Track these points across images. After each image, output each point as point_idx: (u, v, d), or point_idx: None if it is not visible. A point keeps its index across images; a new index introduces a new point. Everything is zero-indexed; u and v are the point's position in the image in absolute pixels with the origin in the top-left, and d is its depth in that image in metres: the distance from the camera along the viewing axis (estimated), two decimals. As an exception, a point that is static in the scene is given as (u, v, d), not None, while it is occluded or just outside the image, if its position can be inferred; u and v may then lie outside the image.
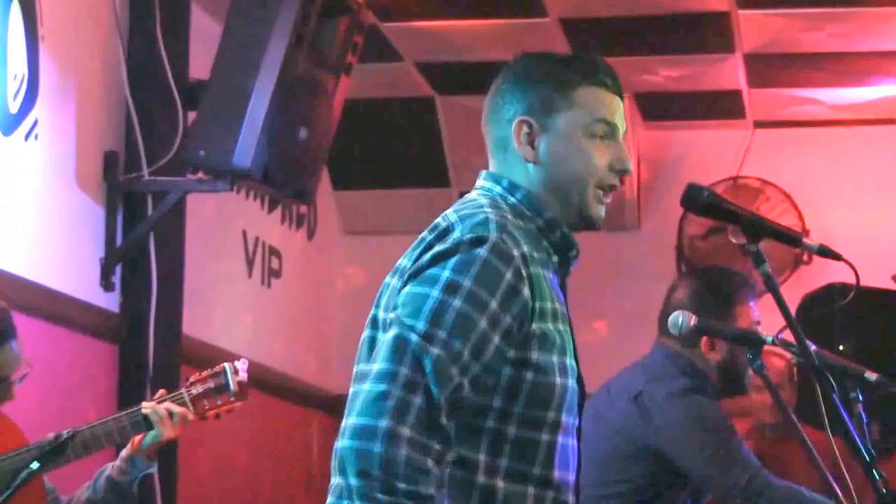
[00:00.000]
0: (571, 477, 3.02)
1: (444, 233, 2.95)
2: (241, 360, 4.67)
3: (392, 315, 2.90)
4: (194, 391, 4.58)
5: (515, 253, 2.92)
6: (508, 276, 2.90)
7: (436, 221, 3.01)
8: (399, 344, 2.83)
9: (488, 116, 3.17)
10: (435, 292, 2.87)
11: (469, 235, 2.91)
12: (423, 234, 3.00)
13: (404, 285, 2.93)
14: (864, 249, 4.77)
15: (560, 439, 2.98)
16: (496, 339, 2.88)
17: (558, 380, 2.95)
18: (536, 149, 3.09)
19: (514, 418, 2.92)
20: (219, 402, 4.60)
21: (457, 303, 2.86)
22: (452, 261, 2.88)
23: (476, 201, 3.04)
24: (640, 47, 8.31)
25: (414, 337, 2.83)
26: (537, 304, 2.94)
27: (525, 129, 3.09)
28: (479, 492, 2.90)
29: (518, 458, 2.93)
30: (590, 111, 3.10)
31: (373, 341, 2.98)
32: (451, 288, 2.86)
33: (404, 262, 2.99)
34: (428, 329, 2.83)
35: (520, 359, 2.92)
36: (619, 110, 3.15)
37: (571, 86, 3.11)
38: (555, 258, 3.09)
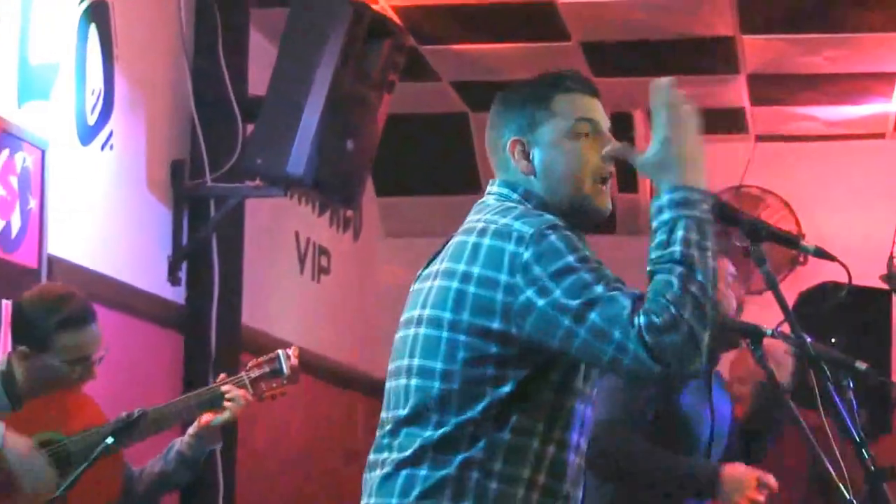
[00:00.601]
0: (583, 442, 3.04)
1: (515, 236, 2.91)
2: (293, 347, 4.68)
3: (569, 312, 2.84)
4: (252, 375, 4.60)
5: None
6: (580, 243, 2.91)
7: (473, 226, 3.01)
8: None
9: (489, 149, 3.18)
10: (576, 274, 2.85)
11: (542, 225, 2.90)
12: (471, 238, 2.98)
13: (524, 297, 2.88)
14: (854, 252, 4.75)
15: (579, 406, 3.00)
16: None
17: None
18: (532, 162, 3.08)
19: (557, 386, 2.95)
20: (273, 385, 4.62)
21: (592, 264, 2.87)
22: (557, 245, 2.88)
23: (505, 204, 3.04)
24: (654, 68, 8.27)
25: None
26: None
27: (518, 147, 3.09)
28: (534, 455, 2.92)
29: (563, 427, 2.96)
30: (568, 115, 3.10)
31: (415, 339, 2.99)
32: (581, 261, 2.85)
33: (463, 267, 2.95)
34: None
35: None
36: (597, 107, 3.15)
37: (547, 99, 3.11)
38: None
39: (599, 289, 2.82)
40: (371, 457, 3.05)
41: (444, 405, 2.94)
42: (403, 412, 2.99)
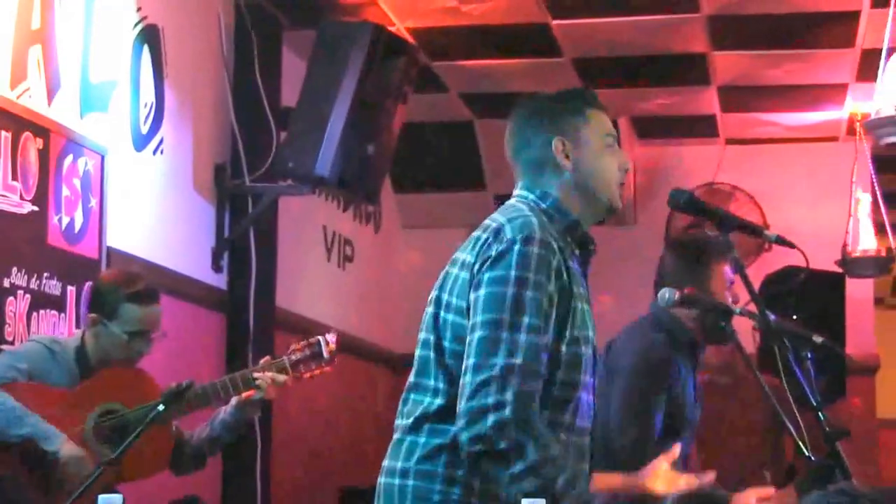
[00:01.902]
0: (588, 424, 3.04)
1: (497, 232, 2.94)
2: (332, 333, 4.65)
3: (479, 319, 2.86)
4: (294, 357, 4.56)
5: (555, 245, 2.93)
6: (554, 262, 2.91)
7: (486, 223, 3.02)
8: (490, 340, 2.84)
9: (517, 147, 3.18)
10: (511, 289, 2.86)
11: (520, 234, 2.91)
12: (477, 233, 3.01)
13: (475, 282, 2.91)
14: (812, 240, 4.72)
15: (582, 395, 2.99)
16: (553, 313, 2.89)
17: (583, 349, 2.97)
18: (571, 160, 3.10)
19: (556, 383, 2.93)
20: (312, 367, 4.58)
21: (528, 293, 2.86)
22: (513, 258, 2.88)
23: (517, 206, 3.06)
24: (636, 81, 8.28)
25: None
26: (574, 288, 2.96)
27: (561, 146, 3.11)
28: None
29: (557, 412, 2.94)
30: (600, 128, 3.16)
31: (436, 318, 2.98)
32: (520, 282, 2.86)
33: (464, 256, 2.98)
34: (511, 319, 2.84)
35: (561, 336, 2.93)
36: (611, 123, 3.21)
37: (581, 111, 3.15)
38: (577, 251, 3.09)
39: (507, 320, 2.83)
40: (395, 422, 3.06)
41: (439, 377, 2.93)
42: (412, 379, 3.02)
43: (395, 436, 3.01)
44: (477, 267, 2.92)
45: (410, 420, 2.96)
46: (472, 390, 2.80)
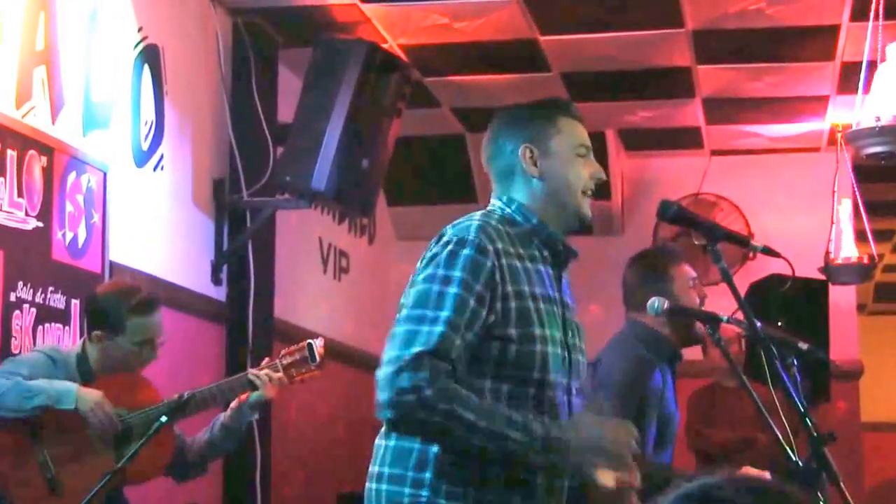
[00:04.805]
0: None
1: (440, 237, 2.98)
2: (320, 338, 4.69)
3: (403, 314, 2.91)
4: (285, 361, 4.60)
5: (491, 248, 2.92)
6: (488, 264, 2.91)
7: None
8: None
9: (491, 155, 3.18)
10: (436, 286, 2.88)
11: (455, 237, 2.93)
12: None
13: (410, 281, 2.97)
14: (795, 248, 4.74)
15: (548, 393, 2.97)
16: (483, 313, 2.89)
17: (538, 347, 2.94)
18: (539, 167, 3.10)
19: (506, 379, 2.92)
20: (303, 370, 4.61)
21: (451, 290, 2.87)
22: (443, 258, 2.90)
23: (472, 214, 3.06)
24: (623, 94, 8.30)
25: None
26: (510, 288, 2.93)
27: (528, 153, 3.11)
28: None
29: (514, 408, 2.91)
30: (572, 137, 3.15)
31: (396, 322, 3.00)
32: (445, 280, 2.88)
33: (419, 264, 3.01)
34: (432, 314, 2.85)
35: (502, 335, 2.92)
36: (586, 134, 3.20)
37: (553, 118, 3.15)
38: (545, 253, 3.08)
39: (428, 314, 2.85)
40: None
41: None
42: None
43: (376, 441, 3.03)
44: (418, 268, 2.96)
45: (383, 426, 2.98)
46: (389, 379, 2.80)
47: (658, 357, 4.27)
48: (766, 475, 3.65)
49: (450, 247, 2.91)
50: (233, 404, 4.58)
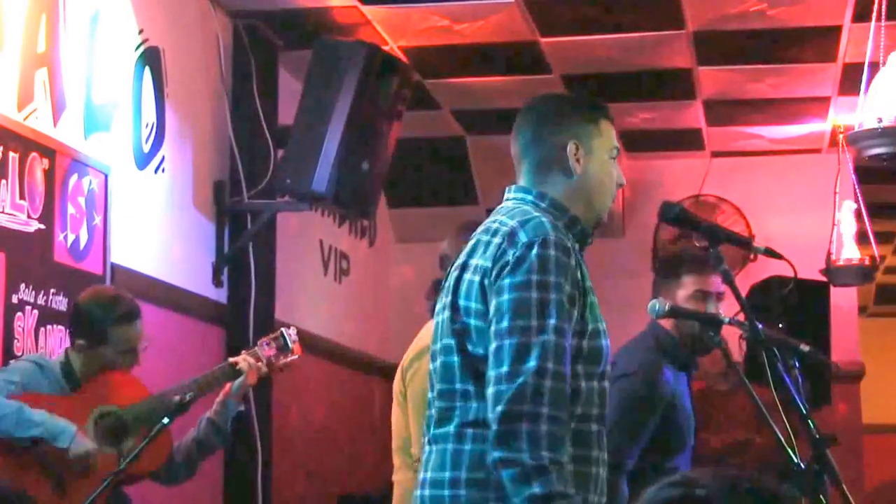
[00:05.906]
0: (595, 411, 3.00)
1: (511, 236, 2.92)
2: (292, 326, 4.77)
3: (505, 325, 2.84)
4: (263, 349, 4.68)
5: (569, 244, 2.94)
6: (572, 262, 2.91)
7: (494, 227, 2.99)
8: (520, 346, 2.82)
9: (528, 143, 3.13)
10: (534, 293, 2.85)
11: (536, 238, 2.89)
12: (485, 237, 2.98)
13: (495, 287, 2.88)
14: (797, 249, 4.75)
15: (605, 385, 3.01)
16: (574, 313, 2.90)
17: (603, 341, 2.98)
18: (581, 165, 3.10)
19: (578, 376, 2.92)
20: (281, 357, 4.69)
21: (551, 296, 2.85)
22: (533, 262, 2.86)
23: (521, 208, 3.02)
24: (624, 96, 8.30)
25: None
26: (587, 283, 2.96)
27: (575, 149, 3.09)
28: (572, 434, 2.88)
29: (586, 405, 2.93)
30: (609, 139, 3.16)
31: (455, 323, 2.94)
32: (542, 286, 2.85)
33: (478, 261, 2.95)
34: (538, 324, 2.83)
35: (581, 330, 2.93)
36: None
37: (596, 119, 3.16)
38: (576, 246, 3.06)
39: (533, 323, 2.82)
40: (423, 432, 3.08)
41: (468, 381, 2.92)
42: (438, 386, 2.99)
43: (434, 446, 2.95)
44: (495, 273, 2.89)
45: (449, 428, 2.92)
46: (508, 398, 2.77)
47: (673, 362, 4.31)
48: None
49: (536, 249, 2.87)
50: (218, 398, 4.61)
